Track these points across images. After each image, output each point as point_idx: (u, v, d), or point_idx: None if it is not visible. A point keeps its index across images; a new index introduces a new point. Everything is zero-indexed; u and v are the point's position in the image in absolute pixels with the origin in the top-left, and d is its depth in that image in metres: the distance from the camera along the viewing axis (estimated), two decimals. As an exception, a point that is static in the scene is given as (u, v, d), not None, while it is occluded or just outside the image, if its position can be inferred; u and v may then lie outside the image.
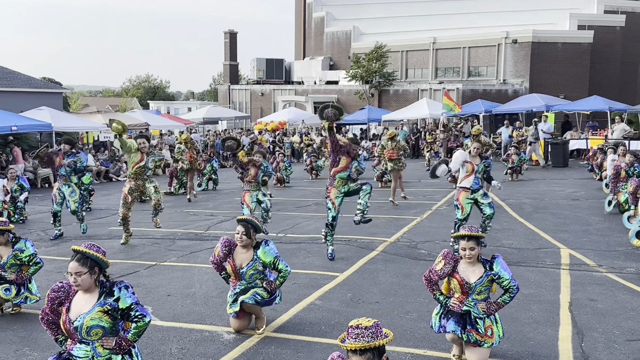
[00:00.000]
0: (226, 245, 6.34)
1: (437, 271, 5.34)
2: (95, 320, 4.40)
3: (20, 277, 7.10)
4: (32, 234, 12.20)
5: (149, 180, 11.16)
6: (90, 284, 4.48)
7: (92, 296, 4.49)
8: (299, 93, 48.26)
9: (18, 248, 7.07)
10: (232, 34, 55.88)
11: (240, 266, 6.31)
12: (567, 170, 21.91)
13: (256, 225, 6.37)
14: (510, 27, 40.61)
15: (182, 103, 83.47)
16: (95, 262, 4.50)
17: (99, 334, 4.42)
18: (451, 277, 5.36)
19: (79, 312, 4.45)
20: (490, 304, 5.31)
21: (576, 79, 38.61)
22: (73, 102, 62.31)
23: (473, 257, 5.30)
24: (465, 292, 5.30)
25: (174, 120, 37.22)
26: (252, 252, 6.30)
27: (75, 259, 4.46)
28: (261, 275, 6.34)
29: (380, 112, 35.92)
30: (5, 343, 6.22)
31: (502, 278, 5.27)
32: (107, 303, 4.44)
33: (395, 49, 43.81)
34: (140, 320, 4.52)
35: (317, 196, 16.81)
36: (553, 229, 11.33)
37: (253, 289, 6.27)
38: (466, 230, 5.34)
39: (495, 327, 5.33)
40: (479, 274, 5.31)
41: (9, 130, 20.89)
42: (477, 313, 5.26)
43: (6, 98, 26.31)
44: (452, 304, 5.33)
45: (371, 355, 3.45)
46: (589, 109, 28.46)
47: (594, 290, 7.48)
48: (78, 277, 4.42)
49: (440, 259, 5.37)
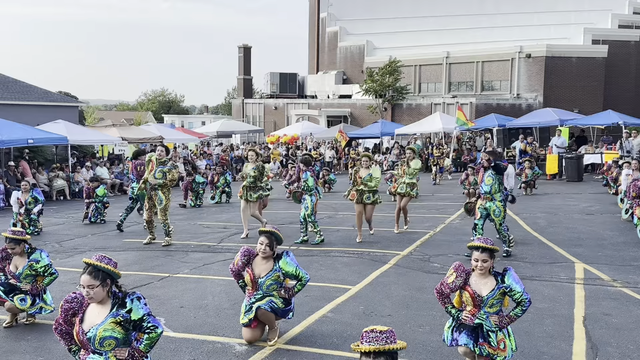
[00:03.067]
0: (245, 255, 6.42)
1: (448, 284, 5.31)
2: (108, 332, 4.43)
3: (35, 288, 7.15)
4: (47, 245, 12.30)
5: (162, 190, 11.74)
6: (102, 296, 4.52)
7: (104, 307, 4.53)
8: (312, 107, 48.39)
9: (33, 259, 7.13)
10: (246, 48, 56.24)
11: (259, 276, 6.34)
12: (582, 185, 21.77)
13: (278, 238, 6.47)
14: (524, 42, 40.55)
15: (196, 117, 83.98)
16: (107, 274, 4.54)
17: (112, 344, 4.46)
18: (463, 290, 5.33)
19: (92, 323, 4.49)
20: (503, 317, 5.26)
21: (590, 93, 38.41)
22: (89, 115, 62.97)
23: (485, 269, 5.27)
24: (477, 305, 5.27)
25: (188, 133, 37.43)
26: (273, 263, 6.37)
27: (87, 272, 4.49)
28: (278, 286, 6.38)
29: (394, 126, 35.91)
30: (20, 353, 6.26)
31: (514, 291, 5.22)
32: (119, 314, 4.47)
33: (408, 63, 43.87)
34: (152, 332, 4.55)
35: (330, 209, 16.82)
36: (567, 243, 11.25)
37: (269, 297, 6.31)
38: (481, 242, 5.32)
39: (508, 341, 5.29)
40: (490, 287, 5.27)
41: (25, 143, 21.12)
42: (490, 326, 5.23)
43: (23, 111, 26.62)
44: (464, 317, 5.30)
45: (384, 359, 3.46)
46: (603, 124, 28.31)
47: (609, 305, 7.42)
48: (90, 290, 4.46)
49: (452, 271, 5.34)
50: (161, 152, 11.91)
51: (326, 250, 11.13)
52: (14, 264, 7.18)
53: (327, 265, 9.95)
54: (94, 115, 68.37)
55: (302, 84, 53.68)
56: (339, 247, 11.43)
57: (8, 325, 7.10)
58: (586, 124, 29.09)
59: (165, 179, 11.66)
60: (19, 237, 7.14)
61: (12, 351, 6.31)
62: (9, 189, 19.10)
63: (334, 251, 11.01)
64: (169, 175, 11.68)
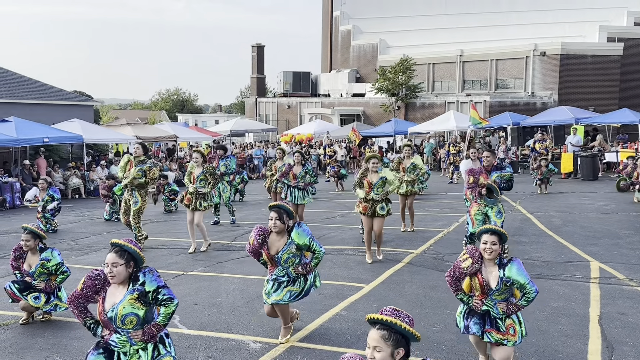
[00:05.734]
0: (260, 233, 6.27)
1: (462, 269, 5.26)
2: (128, 309, 4.50)
3: (49, 286, 7.22)
4: (63, 243, 12.41)
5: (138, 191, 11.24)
6: (124, 277, 4.59)
7: (124, 287, 4.61)
8: (325, 106, 48.39)
9: (44, 257, 7.16)
10: (259, 47, 56.37)
11: (276, 252, 6.24)
12: (597, 184, 21.60)
13: (289, 211, 6.27)
14: (538, 40, 40.27)
15: (209, 116, 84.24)
16: (132, 256, 4.62)
17: (133, 322, 4.52)
18: (473, 276, 5.31)
19: (112, 303, 4.57)
20: (510, 305, 5.24)
21: (606, 91, 38.09)
22: (104, 114, 63.33)
23: (494, 252, 5.23)
24: (485, 292, 5.27)
25: (202, 132, 37.59)
26: (287, 237, 6.25)
27: (113, 251, 4.58)
28: (297, 259, 6.27)
29: (407, 125, 35.81)
30: (36, 349, 6.32)
31: (518, 282, 5.16)
32: (134, 289, 4.54)
33: (422, 61, 43.74)
34: (168, 303, 4.62)
35: (343, 208, 16.82)
36: (583, 242, 11.17)
37: (286, 288, 6.24)
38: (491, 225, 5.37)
39: (518, 326, 5.28)
40: (496, 276, 5.25)
41: (41, 141, 21.32)
42: (497, 313, 5.23)
43: (39, 110, 26.82)
44: (474, 304, 5.30)
45: (388, 335, 3.26)
46: (618, 122, 28.08)
47: (624, 304, 7.36)
48: (114, 267, 4.54)
49: (467, 256, 5.28)
50: (137, 150, 11.33)
51: (340, 248, 11.14)
52: (28, 263, 7.25)
53: (340, 263, 9.95)
54: (109, 114, 68.74)
55: (315, 82, 53.70)
56: (352, 245, 11.43)
57: (24, 322, 7.17)
58: (601, 122, 28.87)
59: (145, 177, 11.18)
60: (37, 231, 7.19)
61: (28, 347, 6.38)
62: (25, 187, 19.30)
63: (348, 250, 11.01)
64: (149, 173, 11.20)
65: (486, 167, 9.47)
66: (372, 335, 3.29)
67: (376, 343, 3.26)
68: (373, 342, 3.27)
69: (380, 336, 3.26)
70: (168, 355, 4.70)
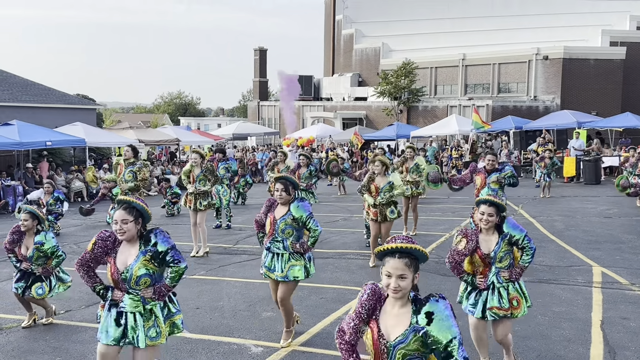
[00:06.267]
0: (267, 205, 6.45)
1: (461, 250, 5.31)
2: (143, 270, 4.58)
3: (46, 270, 7.15)
4: (65, 247, 12.40)
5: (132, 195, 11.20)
6: (133, 234, 4.65)
7: (134, 247, 4.66)
8: (327, 109, 48.41)
9: (38, 241, 7.07)
10: (262, 50, 56.45)
11: (277, 218, 6.33)
12: (600, 188, 21.57)
13: (294, 182, 6.42)
14: (541, 44, 40.25)
15: (212, 119, 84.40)
16: (140, 212, 4.68)
17: (147, 282, 4.60)
18: (472, 253, 5.38)
19: (124, 263, 4.61)
20: (513, 270, 5.33)
21: (608, 95, 38.05)
22: (106, 118, 63.46)
23: (490, 224, 5.29)
24: (487, 264, 5.33)
25: (205, 136, 37.63)
26: (288, 207, 6.34)
27: (121, 208, 4.64)
28: (293, 231, 6.30)
29: (409, 129, 35.82)
30: (38, 353, 6.33)
31: (515, 237, 5.27)
32: (147, 250, 4.61)
33: (424, 65, 43.76)
34: (176, 266, 4.70)
35: (345, 212, 16.82)
36: (585, 246, 11.15)
37: (289, 271, 6.25)
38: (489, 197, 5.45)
39: (522, 298, 5.36)
40: (495, 241, 5.32)
41: (44, 145, 21.36)
42: (501, 282, 5.29)
43: (41, 114, 26.90)
44: (478, 282, 5.38)
45: (410, 262, 3.33)
46: (621, 126, 28.04)
47: (627, 309, 7.35)
48: (124, 224, 4.59)
49: (460, 238, 5.35)
50: (127, 152, 11.35)
51: (341, 252, 11.13)
52: (25, 245, 7.15)
53: (342, 267, 9.95)
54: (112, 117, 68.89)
55: (318, 86, 53.74)
56: (354, 249, 11.43)
57: (27, 325, 7.17)
58: (604, 126, 28.83)
59: (135, 179, 11.19)
60: (36, 212, 7.14)
61: (30, 351, 6.38)
62: (27, 190, 19.33)
63: (350, 253, 11.01)
64: (140, 174, 11.16)
65: (487, 170, 9.62)
66: (395, 265, 3.33)
67: (402, 271, 3.31)
68: (398, 271, 3.31)
69: (405, 264, 3.32)
70: (179, 314, 4.86)
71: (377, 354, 3.36)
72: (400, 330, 3.31)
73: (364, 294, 3.44)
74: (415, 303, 3.36)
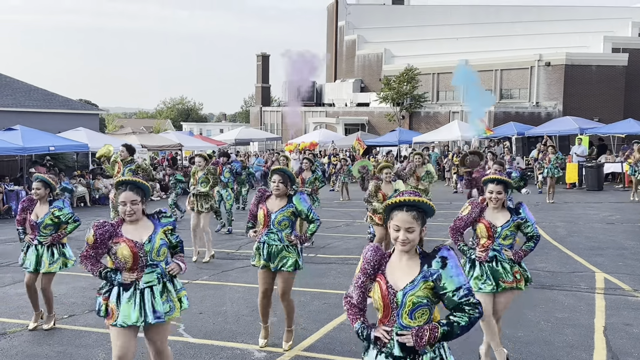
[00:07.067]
0: (258, 195, 6.44)
1: (463, 217, 5.50)
2: (163, 240, 4.74)
3: (58, 236, 7.11)
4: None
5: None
6: (140, 215, 4.71)
7: (146, 223, 4.75)
8: (329, 115, 48.48)
9: (56, 206, 7.04)
10: (264, 56, 56.57)
11: (272, 210, 6.30)
12: (602, 194, 21.57)
13: (291, 176, 6.44)
14: (543, 50, 40.30)
15: (214, 125, 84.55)
16: (144, 192, 4.73)
17: (165, 253, 4.78)
18: (477, 223, 5.51)
19: (140, 238, 4.65)
20: (516, 252, 5.50)
21: (610, 101, 38.06)
22: (109, 123, 63.63)
23: (500, 200, 5.45)
24: (491, 237, 5.45)
25: (207, 141, 37.71)
26: (287, 200, 6.34)
27: (128, 189, 4.64)
28: (289, 223, 6.31)
29: (411, 134, 35.87)
30: (42, 357, 6.34)
31: (528, 223, 5.46)
32: (166, 223, 4.81)
33: (426, 71, 43.82)
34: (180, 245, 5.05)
35: (348, 217, 16.84)
36: (588, 252, 11.15)
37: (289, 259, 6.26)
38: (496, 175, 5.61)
39: (523, 271, 5.53)
40: (505, 219, 5.46)
41: (47, 150, 21.42)
42: (503, 258, 5.44)
43: (45, 119, 26.98)
44: (477, 255, 5.50)
45: (418, 215, 3.40)
46: (623, 132, 28.05)
47: (630, 315, 7.35)
48: (134, 205, 4.63)
49: (467, 205, 5.56)
50: (122, 153, 11.42)
51: (344, 257, 11.15)
52: (35, 213, 7.11)
53: (344, 272, 9.96)
54: (114, 122, 69.07)
55: (320, 91, 53.80)
56: (357, 254, 11.42)
57: (33, 328, 7.17)
58: (606, 133, 28.85)
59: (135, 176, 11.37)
60: (48, 180, 7.14)
61: (34, 356, 6.39)
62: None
63: (353, 259, 11.02)
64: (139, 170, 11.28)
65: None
66: (403, 217, 3.39)
67: (409, 224, 3.38)
68: (406, 224, 3.38)
69: (412, 217, 3.39)
70: (184, 290, 5.02)
71: (386, 307, 3.39)
72: (409, 278, 3.36)
73: (366, 252, 3.51)
74: (422, 255, 3.43)
